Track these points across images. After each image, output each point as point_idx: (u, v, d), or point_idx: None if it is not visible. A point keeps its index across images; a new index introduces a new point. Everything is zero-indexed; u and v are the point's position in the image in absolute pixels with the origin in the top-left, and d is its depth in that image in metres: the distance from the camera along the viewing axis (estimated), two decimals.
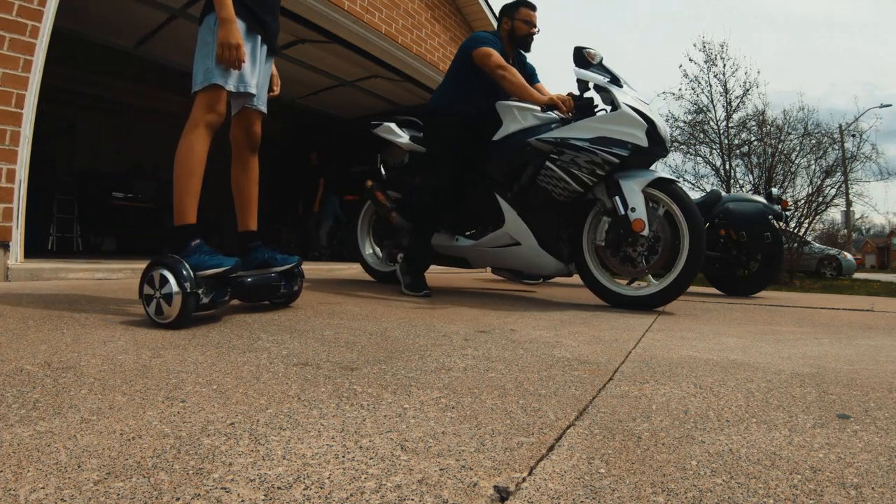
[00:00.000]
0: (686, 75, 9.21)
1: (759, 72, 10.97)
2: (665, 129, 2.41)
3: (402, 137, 3.02)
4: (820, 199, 7.71)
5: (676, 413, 0.84)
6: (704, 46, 8.71)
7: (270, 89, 1.95)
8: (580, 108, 2.45)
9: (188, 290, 1.35)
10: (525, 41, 2.76)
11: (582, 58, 2.43)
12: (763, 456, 0.67)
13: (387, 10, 4.94)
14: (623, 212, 2.27)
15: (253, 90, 1.71)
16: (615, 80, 2.39)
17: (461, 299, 2.50)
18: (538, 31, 2.75)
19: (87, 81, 7.06)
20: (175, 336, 1.27)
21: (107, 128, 8.50)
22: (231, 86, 1.63)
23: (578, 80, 2.45)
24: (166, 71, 6.52)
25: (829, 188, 7.85)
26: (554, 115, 2.51)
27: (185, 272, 1.36)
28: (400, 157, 3.39)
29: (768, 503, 0.54)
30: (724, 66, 8.77)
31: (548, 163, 2.37)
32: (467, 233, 2.92)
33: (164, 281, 1.35)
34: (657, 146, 2.33)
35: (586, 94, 2.49)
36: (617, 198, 2.29)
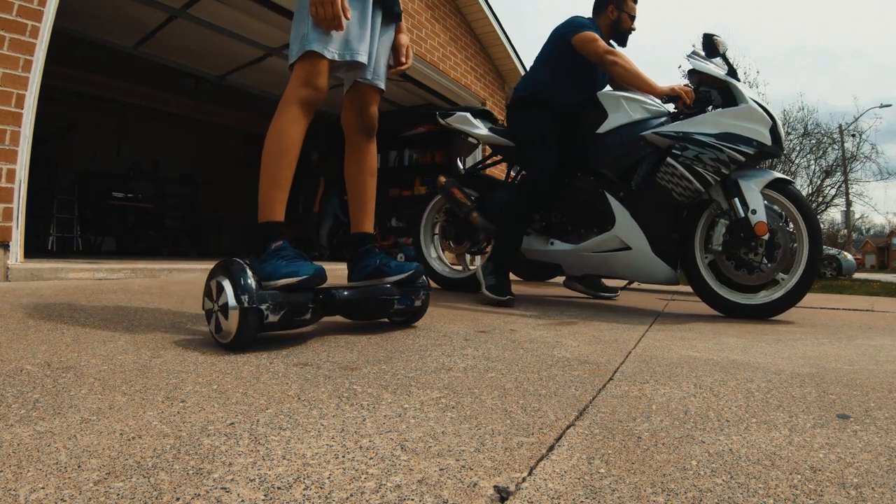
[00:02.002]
0: (686, 75, 9.22)
1: (758, 71, 10.99)
2: (781, 127, 2.25)
3: (481, 129, 2.75)
4: (820, 199, 7.71)
5: (676, 413, 0.84)
6: None
7: (396, 64, 1.64)
8: (696, 101, 2.27)
9: (246, 305, 1.09)
10: (625, 36, 2.56)
11: (711, 45, 2.24)
12: (763, 456, 0.67)
13: None
14: (743, 214, 2.12)
15: (362, 58, 1.41)
16: (732, 73, 2.24)
17: (461, 299, 2.50)
18: (636, 29, 2.58)
19: (87, 81, 7.06)
20: (175, 336, 1.27)
21: (107, 128, 8.51)
22: (332, 53, 1.35)
23: (691, 71, 2.31)
24: (166, 71, 6.52)
25: (828, 188, 7.87)
26: (664, 108, 2.34)
27: (245, 282, 1.11)
28: (470, 151, 3.11)
29: (768, 503, 0.54)
30: None
31: (669, 159, 2.19)
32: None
33: (222, 291, 1.12)
34: (777, 145, 2.18)
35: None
36: (736, 199, 2.14)
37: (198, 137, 9.60)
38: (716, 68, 2.24)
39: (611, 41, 2.58)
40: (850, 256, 13.12)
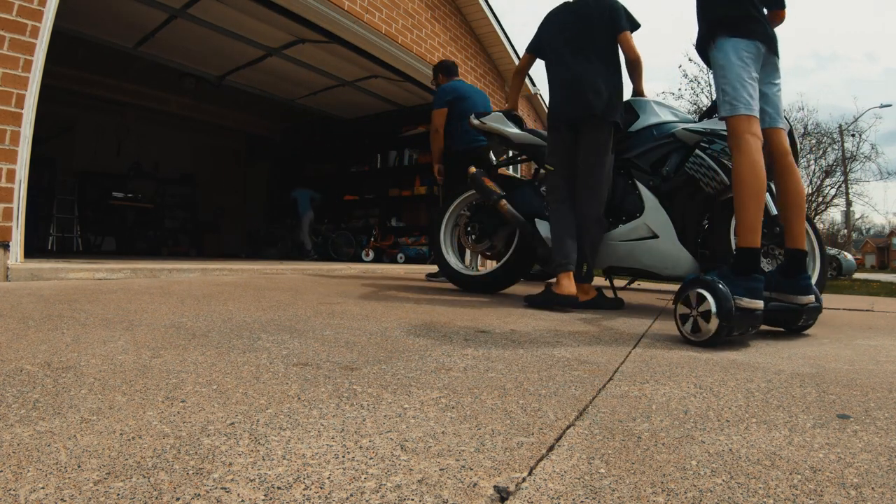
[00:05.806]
0: (686, 76, 9.22)
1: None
2: (795, 133, 2.40)
3: (514, 129, 2.91)
4: (820, 199, 7.71)
5: (676, 413, 0.84)
6: None
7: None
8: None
9: (723, 321, 1.40)
10: None
11: None
12: (763, 456, 0.67)
13: (387, 10, 4.95)
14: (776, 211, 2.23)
15: (756, 113, 1.72)
16: None
17: (461, 299, 2.50)
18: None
19: (87, 81, 7.07)
20: (175, 336, 1.27)
21: (107, 128, 8.51)
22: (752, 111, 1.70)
23: None
24: (166, 71, 6.52)
25: (828, 188, 7.86)
26: (688, 116, 2.59)
27: (726, 301, 1.41)
28: (499, 151, 3.28)
29: (768, 503, 0.54)
30: None
31: (698, 151, 2.35)
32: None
33: (704, 301, 1.43)
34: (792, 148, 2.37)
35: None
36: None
37: (198, 137, 9.61)
38: None
39: None
40: (850, 256, 13.13)
